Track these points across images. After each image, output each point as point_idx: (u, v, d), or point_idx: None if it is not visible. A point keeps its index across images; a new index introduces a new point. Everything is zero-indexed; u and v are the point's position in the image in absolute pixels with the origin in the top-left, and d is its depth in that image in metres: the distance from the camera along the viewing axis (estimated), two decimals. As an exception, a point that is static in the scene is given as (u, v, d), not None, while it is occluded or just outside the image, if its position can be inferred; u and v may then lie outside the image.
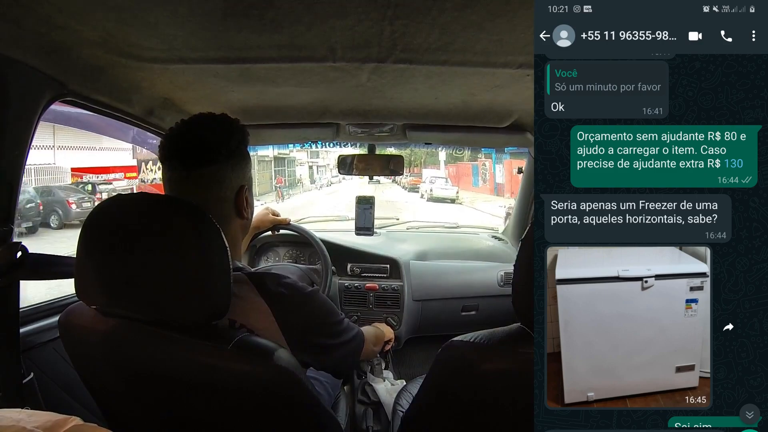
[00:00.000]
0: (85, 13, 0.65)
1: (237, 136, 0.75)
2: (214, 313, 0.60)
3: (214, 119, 0.75)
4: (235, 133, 0.75)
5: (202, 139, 0.72)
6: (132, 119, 1.06)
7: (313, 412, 0.67)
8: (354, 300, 1.61)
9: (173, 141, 0.72)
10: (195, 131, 0.73)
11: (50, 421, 0.36)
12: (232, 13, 0.65)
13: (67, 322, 0.67)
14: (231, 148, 0.73)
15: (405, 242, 1.81)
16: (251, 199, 0.78)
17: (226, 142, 0.73)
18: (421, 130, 1.38)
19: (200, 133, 0.73)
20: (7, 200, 0.74)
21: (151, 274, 0.58)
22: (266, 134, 1.40)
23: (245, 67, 0.88)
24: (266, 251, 1.69)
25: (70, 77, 0.80)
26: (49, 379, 0.90)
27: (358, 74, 0.90)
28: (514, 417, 0.61)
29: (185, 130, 0.73)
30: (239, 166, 0.75)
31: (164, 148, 0.72)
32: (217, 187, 0.72)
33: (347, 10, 0.64)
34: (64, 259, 0.85)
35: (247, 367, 0.59)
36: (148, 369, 0.62)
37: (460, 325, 1.60)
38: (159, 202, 0.64)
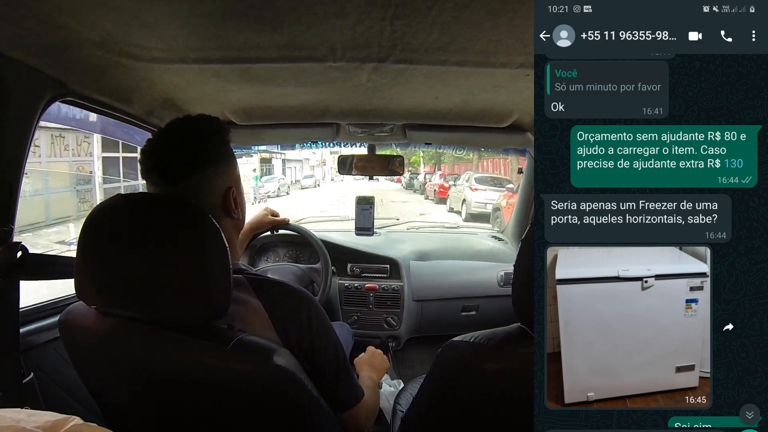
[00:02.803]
0: (85, 13, 0.65)
1: (216, 140, 0.71)
2: (214, 313, 0.60)
3: (188, 127, 0.71)
4: (213, 137, 0.71)
5: (180, 152, 0.69)
6: (132, 119, 1.06)
7: (312, 413, 0.67)
8: (354, 300, 1.61)
9: (150, 156, 0.69)
10: (171, 144, 0.70)
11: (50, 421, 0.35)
12: (232, 13, 0.65)
13: (67, 322, 0.67)
14: (211, 155, 0.70)
15: (405, 242, 1.82)
16: (240, 198, 0.75)
17: (205, 149, 0.70)
18: (421, 130, 1.38)
19: (176, 146, 0.69)
20: (7, 200, 0.74)
21: (151, 274, 0.58)
22: (266, 134, 1.40)
23: (245, 67, 0.87)
24: (266, 251, 1.69)
25: (70, 77, 0.80)
26: (49, 379, 0.89)
27: (358, 74, 0.90)
28: (514, 417, 0.61)
29: (161, 145, 0.70)
30: (222, 170, 0.72)
31: (143, 163, 0.70)
32: (203, 194, 0.69)
33: (347, 10, 0.64)
34: (64, 259, 0.85)
35: (246, 367, 0.59)
36: (148, 369, 0.62)
37: (460, 325, 1.60)
38: (159, 202, 0.64)
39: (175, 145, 0.70)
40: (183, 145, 0.69)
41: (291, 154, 20.69)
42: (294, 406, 0.64)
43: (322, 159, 24.63)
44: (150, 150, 0.70)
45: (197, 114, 0.73)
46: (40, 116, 0.77)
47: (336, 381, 0.73)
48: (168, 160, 0.68)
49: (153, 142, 0.70)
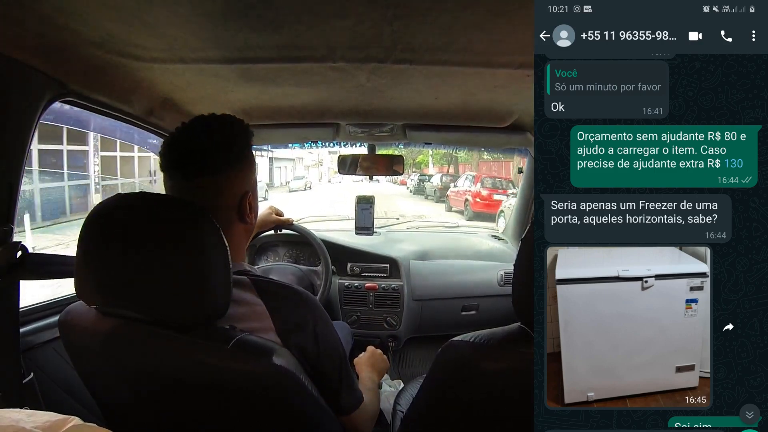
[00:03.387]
0: (85, 13, 0.65)
1: (240, 142, 0.71)
2: (213, 312, 0.60)
3: (215, 124, 0.71)
4: (238, 138, 0.71)
5: (204, 148, 0.68)
6: (132, 119, 1.06)
7: (312, 413, 0.67)
8: (354, 300, 1.61)
9: (173, 149, 0.69)
10: (196, 139, 0.69)
11: (50, 421, 0.35)
12: (232, 13, 0.65)
13: (66, 322, 0.67)
14: (234, 156, 0.70)
15: (405, 242, 1.82)
16: (255, 203, 0.75)
17: (229, 150, 0.69)
18: (421, 130, 1.38)
19: (201, 141, 0.68)
20: (7, 200, 0.74)
21: (151, 274, 0.58)
22: (266, 134, 1.41)
23: (245, 67, 0.87)
24: (266, 251, 1.69)
25: (70, 77, 0.80)
26: (49, 379, 0.89)
27: (358, 74, 0.90)
28: (514, 417, 0.61)
29: (185, 138, 0.69)
30: (243, 173, 0.71)
31: (164, 156, 0.69)
32: (220, 195, 0.69)
33: (347, 10, 0.64)
34: (65, 259, 0.85)
35: (246, 366, 0.59)
36: (148, 369, 0.62)
37: (460, 324, 1.60)
38: (159, 202, 0.63)
39: (202, 139, 0.69)
40: (209, 141, 0.69)
41: (282, 152, 18.59)
42: (294, 406, 0.64)
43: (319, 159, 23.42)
44: (175, 141, 0.69)
45: (222, 113, 0.72)
46: (40, 116, 0.77)
47: (338, 385, 0.73)
48: (193, 154, 0.68)
49: (179, 134, 0.69)
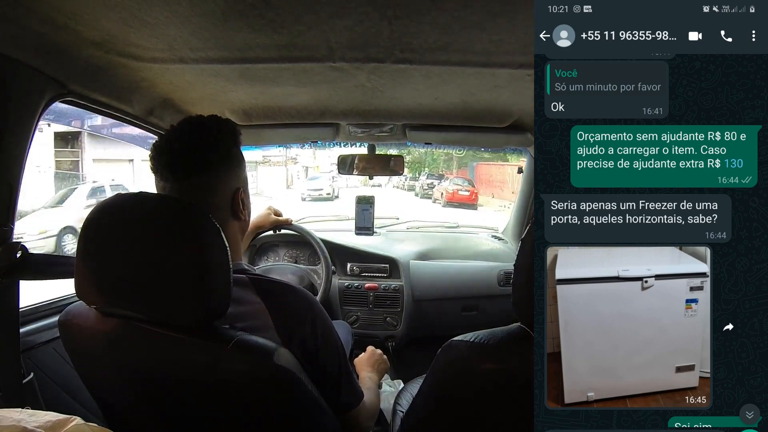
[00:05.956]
0: (85, 13, 0.65)
1: (227, 140, 0.72)
2: (213, 312, 0.60)
3: (201, 125, 0.72)
4: (224, 137, 0.72)
5: (191, 147, 0.69)
6: (132, 119, 1.06)
7: (312, 412, 0.67)
8: (354, 300, 1.61)
9: (161, 152, 0.70)
10: (182, 139, 0.70)
11: (51, 421, 0.36)
12: (232, 13, 0.65)
13: (66, 322, 0.67)
14: (221, 154, 0.71)
15: (405, 242, 1.81)
16: (247, 200, 0.77)
17: (216, 149, 0.70)
18: (421, 130, 1.38)
19: (188, 141, 0.70)
20: (7, 200, 0.74)
21: (151, 274, 0.58)
22: (266, 134, 1.40)
23: (245, 67, 0.88)
24: (266, 251, 1.69)
25: (70, 77, 0.79)
26: (49, 379, 0.89)
27: (358, 74, 0.90)
28: (515, 417, 0.61)
29: (173, 140, 0.70)
30: (232, 170, 0.73)
31: (153, 159, 0.70)
32: (211, 194, 0.70)
33: (347, 10, 0.64)
34: (65, 259, 0.85)
35: (246, 366, 0.59)
36: (148, 368, 0.62)
37: (460, 325, 1.59)
38: (159, 202, 0.64)
39: (189, 142, 0.70)
40: (196, 142, 0.70)
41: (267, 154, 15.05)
42: (294, 406, 0.64)
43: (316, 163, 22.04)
44: (162, 146, 0.71)
45: (210, 114, 0.74)
46: (41, 116, 0.77)
47: (338, 384, 0.73)
48: (180, 156, 0.69)
49: (165, 138, 0.71)
